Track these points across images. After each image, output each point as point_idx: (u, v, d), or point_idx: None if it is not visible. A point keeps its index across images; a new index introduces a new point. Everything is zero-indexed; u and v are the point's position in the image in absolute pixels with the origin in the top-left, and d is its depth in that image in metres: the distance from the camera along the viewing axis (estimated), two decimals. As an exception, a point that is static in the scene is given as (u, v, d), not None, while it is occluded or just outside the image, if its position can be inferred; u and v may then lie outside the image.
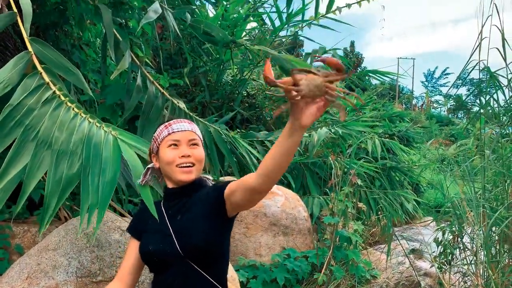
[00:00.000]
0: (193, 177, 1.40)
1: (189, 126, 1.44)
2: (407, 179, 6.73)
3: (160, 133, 1.44)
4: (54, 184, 1.67)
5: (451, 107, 31.33)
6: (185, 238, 1.32)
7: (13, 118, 1.78)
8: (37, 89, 1.89)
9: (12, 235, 3.01)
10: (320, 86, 1.04)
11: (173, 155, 1.39)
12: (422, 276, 3.77)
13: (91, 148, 1.75)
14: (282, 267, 3.44)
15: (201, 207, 1.36)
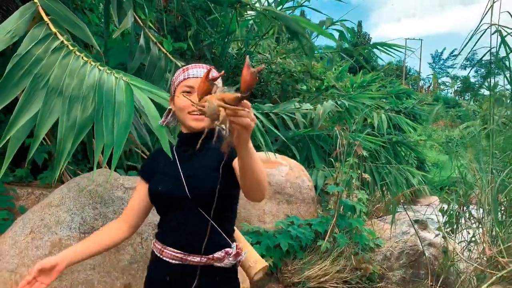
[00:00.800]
0: (204, 125, 1.36)
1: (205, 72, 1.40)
2: (413, 155, 6.68)
3: (177, 77, 1.43)
4: (68, 129, 1.67)
5: (458, 89, 30.97)
6: (194, 183, 1.33)
7: (21, 67, 1.77)
8: (44, 39, 1.86)
9: (16, 197, 3.02)
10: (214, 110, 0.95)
11: (185, 102, 1.36)
12: (426, 246, 3.76)
13: (103, 92, 1.74)
14: (286, 233, 3.43)
15: (213, 158, 1.35)
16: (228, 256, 1.35)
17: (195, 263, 1.33)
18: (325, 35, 3.79)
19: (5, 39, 1.83)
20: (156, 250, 1.40)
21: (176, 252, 1.34)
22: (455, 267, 3.31)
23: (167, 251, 1.35)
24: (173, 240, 1.35)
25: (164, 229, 1.41)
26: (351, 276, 3.48)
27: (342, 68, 8.35)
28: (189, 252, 1.33)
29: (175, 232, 1.36)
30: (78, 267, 2.15)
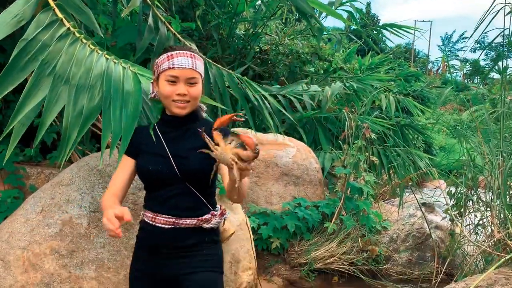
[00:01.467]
0: (186, 112, 1.48)
1: (190, 62, 1.45)
2: (421, 138, 6.64)
3: (161, 62, 1.47)
4: (74, 117, 1.69)
5: (467, 72, 30.57)
6: (183, 162, 1.46)
7: (27, 52, 1.77)
8: (51, 25, 1.86)
9: (26, 176, 3.04)
10: (227, 161, 1.22)
11: (169, 91, 1.45)
12: (433, 228, 3.77)
13: (111, 82, 1.76)
14: (293, 215, 3.45)
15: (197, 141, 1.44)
16: (215, 217, 1.52)
17: (187, 225, 1.47)
18: (334, 15, 3.73)
19: (12, 23, 1.82)
20: (147, 218, 1.51)
21: (169, 217, 1.47)
22: (461, 250, 3.32)
23: (160, 217, 1.47)
24: (165, 210, 1.47)
25: (154, 202, 1.51)
26: (357, 257, 3.50)
27: (350, 50, 8.26)
28: (180, 216, 1.47)
29: (166, 204, 1.48)
30: (88, 245, 2.18)
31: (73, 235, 2.17)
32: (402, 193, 3.69)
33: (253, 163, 1.22)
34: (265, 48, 6.44)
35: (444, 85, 18.52)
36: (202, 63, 1.52)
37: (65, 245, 2.15)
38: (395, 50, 12.81)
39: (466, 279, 2.21)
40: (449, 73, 24.40)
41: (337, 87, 4.93)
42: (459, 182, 3.36)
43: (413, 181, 4.97)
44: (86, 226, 2.19)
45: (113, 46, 3.10)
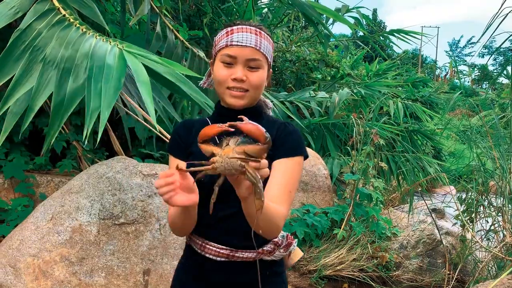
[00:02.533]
0: (244, 103, 1.16)
1: (253, 39, 1.14)
2: (430, 144, 6.60)
3: (219, 39, 1.18)
4: (59, 101, 1.65)
5: (476, 77, 30.43)
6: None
7: (22, 42, 1.77)
8: (47, 13, 1.86)
9: (36, 184, 3.07)
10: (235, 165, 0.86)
11: (224, 75, 1.14)
12: (443, 235, 3.72)
13: (95, 59, 1.70)
14: (302, 221, 3.43)
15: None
16: (279, 248, 1.21)
17: (244, 259, 1.17)
18: (342, 21, 3.74)
19: (8, 15, 1.81)
20: (195, 245, 1.21)
21: (222, 248, 1.17)
22: (473, 256, 3.27)
23: (211, 247, 1.18)
24: (217, 235, 1.18)
25: (204, 222, 1.18)
26: (367, 264, 3.47)
27: (357, 56, 8.26)
28: (236, 247, 1.17)
29: (219, 226, 1.18)
30: (98, 253, 2.18)
31: (83, 242, 2.18)
32: (411, 199, 3.66)
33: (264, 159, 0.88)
34: (272, 55, 6.46)
35: (452, 91, 18.42)
36: (271, 44, 1.20)
37: (75, 253, 2.15)
38: (402, 56, 12.78)
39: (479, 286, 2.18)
40: (457, 78, 24.30)
41: (344, 93, 4.92)
42: (469, 187, 3.33)
43: (423, 187, 4.94)
44: (96, 233, 2.20)
45: (121, 54, 3.13)
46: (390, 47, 19.73)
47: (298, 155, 1.17)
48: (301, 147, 1.19)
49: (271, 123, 1.21)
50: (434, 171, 5.48)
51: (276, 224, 1.06)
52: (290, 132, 1.20)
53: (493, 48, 21.84)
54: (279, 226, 1.08)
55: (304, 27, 8.23)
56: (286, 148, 1.16)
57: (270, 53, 1.19)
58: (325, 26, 3.66)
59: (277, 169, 1.14)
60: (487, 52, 24.72)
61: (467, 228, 3.28)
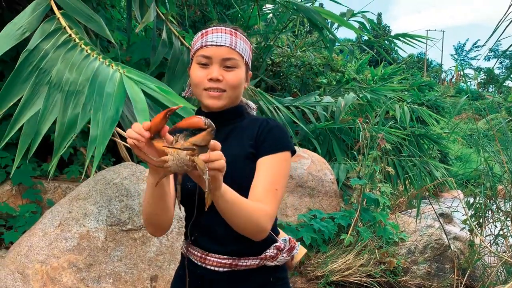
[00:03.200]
0: (222, 104, 1.13)
1: (228, 39, 1.12)
2: (436, 148, 6.57)
3: (195, 42, 1.17)
4: (63, 125, 1.65)
5: (482, 81, 30.30)
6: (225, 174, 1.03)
7: (30, 63, 1.77)
8: (53, 33, 1.87)
9: (43, 190, 3.08)
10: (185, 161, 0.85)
11: (200, 76, 1.11)
12: (451, 239, 3.70)
13: (96, 85, 1.69)
14: (309, 227, 3.42)
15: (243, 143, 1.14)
16: (282, 252, 1.17)
17: (247, 267, 1.13)
18: (347, 26, 3.75)
19: (16, 35, 1.81)
20: (194, 258, 1.16)
21: (224, 258, 1.12)
22: (482, 261, 3.25)
23: (212, 258, 1.13)
24: (216, 246, 1.13)
25: (199, 233, 1.16)
26: (375, 269, 3.45)
27: (363, 61, 8.26)
28: (238, 256, 1.12)
29: (215, 235, 1.13)
30: (105, 259, 2.18)
31: (91, 249, 2.18)
32: (419, 203, 3.64)
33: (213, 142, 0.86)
34: (277, 61, 6.48)
35: (458, 94, 18.35)
36: (248, 45, 1.18)
37: (82, 259, 2.16)
38: (407, 60, 12.75)
39: (488, 291, 2.16)
40: (463, 82, 24.21)
41: (350, 97, 4.92)
42: (477, 192, 3.31)
43: (430, 192, 4.91)
44: (103, 239, 2.21)
45: (128, 61, 3.15)
46: (395, 51, 19.71)
47: (282, 151, 1.13)
48: (284, 142, 1.14)
49: (253, 121, 1.17)
50: (441, 176, 5.45)
51: (257, 223, 1.02)
52: (271, 128, 1.15)
53: (499, 51, 21.76)
54: (262, 225, 1.03)
55: (308, 32, 8.24)
56: (268, 144, 1.13)
57: (248, 54, 1.17)
58: (330, 31, 3.67)
59: (260, 167, 1.11)
60: (493, 56, 24.61)
61: (475, 233, 3.26)
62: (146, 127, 0.90)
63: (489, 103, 17.64)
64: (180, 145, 0.86)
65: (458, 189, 5.70)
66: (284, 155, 1.13)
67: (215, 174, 0.86)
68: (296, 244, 1.23)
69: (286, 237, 1.22)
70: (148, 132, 0.90)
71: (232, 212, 0.98)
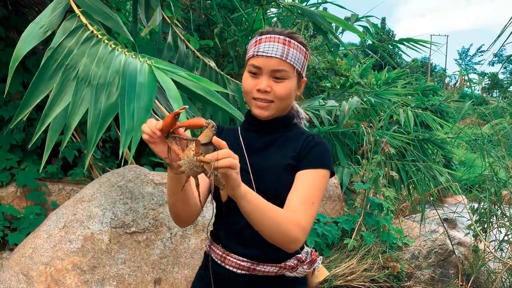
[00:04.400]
0: (268, 114, 1.15)
1: (280, 49, 1.12)
2: (441, 152, 6.55)
3: (250, 48, 1.17)
4: (95, 117, 1.68)
5: (486, 86, 30.24)
6: (262, 182, 1.13)
7: (54, 60, 1.81)
8: (75, 31, 1.90)
9: (48, 192, 3.09)
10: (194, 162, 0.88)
11: (251, 86, 1.14)
12: (456, 245, 3.68)
13: (127, 77, 1.73)
14: (312, 231, 3.41)
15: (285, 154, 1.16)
16: (302, 264, 1.17)
17: (265, 274, 1.13)
18: (352, 30, 3.75)
19: (38, 34, 1.87)
20: (216, 256, 1.18)
21: (243, 260, 1.13)
22: (486, 267, 3.23)
23: (232, 258, 1.14)
24: (239, 246, 1.14)
25: (225, 232, 1.18)
26: (378, 274, 3.43)
27: (367, 65, 8.26)
28: (258, 260, 1.13)
29: (240, 236, 1.14)
30: (109, 261, 2.18)
31: (95, 251, 2.18)
32: (423, 208, 3.63)
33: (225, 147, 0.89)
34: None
35: (462, 99, 18.33)
36: (302, 52, 1.17)
37: (86, 261, 2.16)
38: (411, 64, 12.75)
39: (493, 297, 2.15)
40: (467, 86, 24.15)
41: (354, 102, 4.91)
42: (482, 197, 3.29)
43: (434, 196, 4.89)
44: (107, 242, 2.21)
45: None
46: (399, 56, 19.72)
47: (323, 168, 1.14)
48: (326, 160, 1.16)
49: (299, 135, 1.20)
50: (445, 181, 5.43)
51: (286, 232, 1.01)
52: (317, 143, 1.18)
53: (504, 56, 21.75)
54: (292, 235, 1.02)
55: (312, 36, 8.25)
56: (310, 159, 1.14)
57: (301, 62, 1.16)
58: (335, 35, 3.67)
59: (299, 179, 1.13)
60: (498, 61, 24.56)
61: (480, 239, 3.24)
62: (159, 127, 0.92)
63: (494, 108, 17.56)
64: (189, 149, 0.89)
65: (462, 194, 5.69)
66: (324, 172, 1.15)
67: (226, 172, 0.87)
68: (318, 258, 1.22)
69: (308, 250, 1.21)
70: (160, 132, 0.92)
71: (256, 216, 0.98)
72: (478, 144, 4.98)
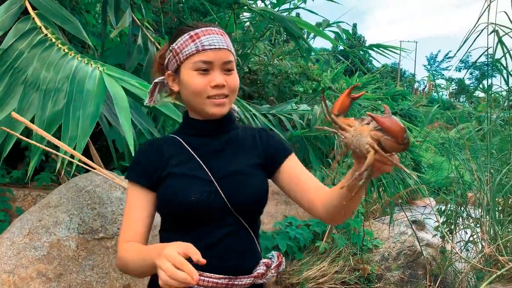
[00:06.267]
0: (225, 111, 1.07)
1: (223, 40, 1.05)
2: (410, 156, 6.71)
3: (184, 45, 1.04)
4: (41, 123, 1.63)
5: (453, 91, 31.20)
6: (234, 190, 1.05)
7: (4, 62, 1.75)
8: (28, 33, 1.84)
9: (12, 198, 2.99)
10: (362, 146, 0.83)
11: (202, 84, 1.03)
12: (424, 246, 3.77)
13: (75, 83, 1.68)
14: (284, 234, 3.43)
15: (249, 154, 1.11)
16: (270, 269, 1.11)
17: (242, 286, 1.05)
18: (322, 36, 3.80)
19: None
20: None
21: (220, 277, 1.02)
22: (453, 267, 3.32)
23: (207, 278, 1.01)
24: (213, 263, 1.00)
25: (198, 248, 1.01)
26: (349, 276, 3.47)
27: (338, 70, 8.39)
28: (235, 274, 1.04)
29: (212, 252, 1.03)
30: (76, 268, 2.13)
31: (61, 258, 2.12)
32: (392, 210, 3.70)
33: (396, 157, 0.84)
34: (255, 69, 6.51)
35: (430, 104, 18.81)
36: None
37: (52, 268, 2.10)
38: (381, 69, 13.02)
39: (459, 296, 2.21)
40: (435, 92, 24.87)
41: (326, 106, 4.97)
42: (448, 199, 3.39)
43: (403, 199, 4.99)
44: (75, 248, 2.15)
45: (102, 66, 3.11)
46: (370, 61, 20.11)
47: (291, 152, 1.18)
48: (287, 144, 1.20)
49: (248, 131, 1.17)
50: (414, 183, 5.55)
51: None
52: (271, 135, 1.19)
53: (469, 62, 22.50)
54: None
55: (285, 40, 8.32)
56: (280, 150, 1.15)
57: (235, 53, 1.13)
58: (305, 40, 3.71)
59: (295, 166, 1.15)
60: (464, 66, 25.41)
61: (446, 240, 3.33)
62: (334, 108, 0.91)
63: (460, 113, 18.15)
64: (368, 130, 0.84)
65: (430, 197, 5.84)
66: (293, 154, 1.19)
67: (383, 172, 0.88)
68: (283, 259, 1.17)
69: (273, 253, 1.17)
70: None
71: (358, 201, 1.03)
72: (445, 148, 5.12)
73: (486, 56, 3.14)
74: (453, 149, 3.85)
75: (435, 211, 3.52)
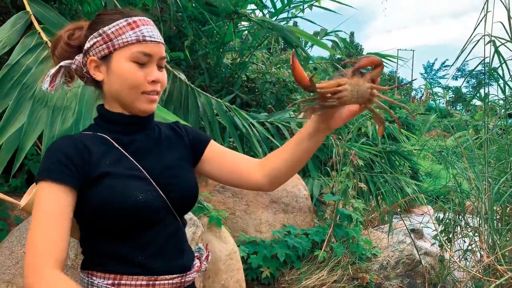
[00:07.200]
0: (155, 108, 1.03)
1: (159, 34, 1.01)
2: (408, 164, 6.72)
3: (121, 32, 0.95)
4: (49, 140, 1.63)
5: (450, 99, 31.37)
6: (171, 187, 1.00)
7: (11, 77, 1.75)
8: (35, 48, 1.85)
9: (11, 207, 2.98)
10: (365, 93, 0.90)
11: (141, 77, 0.95)
12: (422, 255, 3.77)
13: (84, 102, 1.70)
14: (283, 243, 3.43)
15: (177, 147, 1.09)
16: (203, 261, 1.11)
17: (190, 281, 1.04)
18: (320, 45, 3.83)
19: None
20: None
21: (173, 278, 0.99)
22: (451, 276, 3.32)
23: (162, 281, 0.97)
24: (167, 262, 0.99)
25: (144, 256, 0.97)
26: (348, 285, 3.47)
27: (336, 78, 8.41)
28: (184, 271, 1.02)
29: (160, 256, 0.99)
30: (74, 277, 2.12)
31: (60, 268, 2.12)
32: (391, 219, 3.71)
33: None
34: (252, 77, 6.54)
35: (427, 112, 18.88)
36: None
37: (51, 278, 2.09)
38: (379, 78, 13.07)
39: (458, 306, 2.21)
40: (432, 100, 24.99)
41: (324, 114, 4.98)
42: (446, 208, 3.39)
43: (401, 207, 5.00)
44: (73, 257, 2.15)
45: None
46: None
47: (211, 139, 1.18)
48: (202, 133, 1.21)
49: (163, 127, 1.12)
50: (412, 192, 5.57)
51: None
52: (190, 127, 1.19)
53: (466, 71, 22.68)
54: None
55: (283, 49, 8.37)
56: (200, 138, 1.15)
57: None
58: (303, 49, 3.74)
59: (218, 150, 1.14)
60: (461, 75, 25.58)
61: (445, 248, 3.33)
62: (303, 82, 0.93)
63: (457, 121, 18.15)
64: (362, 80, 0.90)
65: (428, 205, 5.84)
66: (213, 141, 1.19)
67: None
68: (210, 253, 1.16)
69: (200, 245, 1.15)
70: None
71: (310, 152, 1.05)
72: (442, 156, 5.13)
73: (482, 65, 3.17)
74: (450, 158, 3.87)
75: (433, 220, 3.52)
